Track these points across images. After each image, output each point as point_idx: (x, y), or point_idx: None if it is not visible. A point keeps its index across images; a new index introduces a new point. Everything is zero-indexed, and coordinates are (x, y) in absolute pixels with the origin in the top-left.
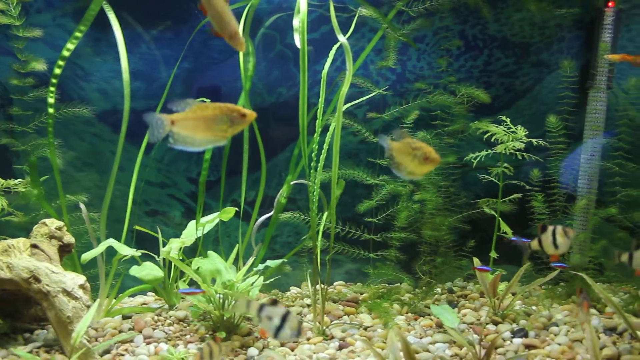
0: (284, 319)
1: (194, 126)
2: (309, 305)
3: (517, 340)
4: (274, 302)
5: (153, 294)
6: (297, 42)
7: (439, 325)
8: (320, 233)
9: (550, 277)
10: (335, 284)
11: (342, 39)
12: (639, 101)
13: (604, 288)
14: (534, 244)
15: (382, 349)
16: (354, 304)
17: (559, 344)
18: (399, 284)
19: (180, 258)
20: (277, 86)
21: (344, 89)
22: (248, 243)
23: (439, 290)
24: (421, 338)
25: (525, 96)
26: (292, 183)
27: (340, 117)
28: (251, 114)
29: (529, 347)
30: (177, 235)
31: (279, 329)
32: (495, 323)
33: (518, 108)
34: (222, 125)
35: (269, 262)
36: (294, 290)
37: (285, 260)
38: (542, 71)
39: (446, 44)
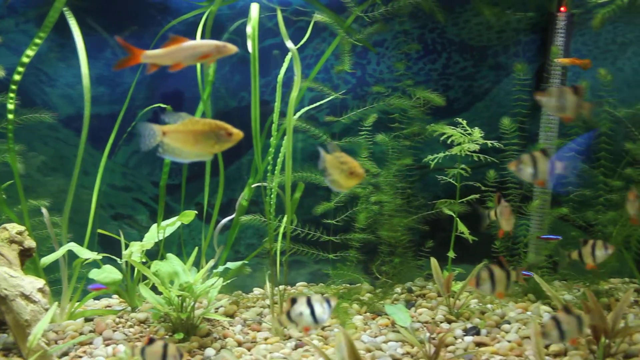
0: (309, 302)
1: (183, 139)
2: (269, 306)
3: (468, 338)
4: (293, 301)
5: (117, 296)
6: (250, 48)
7: (395, 325)
8: (280, 235)
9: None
10: (297, 284)
11: (290, 45)
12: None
13: (560, 286)
14: (492, 214)
15: None
16: None
17: (509, 341)
18: (360, 284)
19: (144, 261)
20: (240, 90)
21: (294, 94)
22: (212, 245)
23: (398, 290)
24: (375, 337)
25: (483, 98)
26: (253, 186)
27: (291, 121)
28: (238, 134)
29: (479, 344)
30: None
31: (313, 313)
32: (450, 322)
33: (477, 110)
34: (209, 140)
35: (229, 264)
36: (257, 291)
37: (247, 262)
38: (500, 74)
39: (405, 48)
